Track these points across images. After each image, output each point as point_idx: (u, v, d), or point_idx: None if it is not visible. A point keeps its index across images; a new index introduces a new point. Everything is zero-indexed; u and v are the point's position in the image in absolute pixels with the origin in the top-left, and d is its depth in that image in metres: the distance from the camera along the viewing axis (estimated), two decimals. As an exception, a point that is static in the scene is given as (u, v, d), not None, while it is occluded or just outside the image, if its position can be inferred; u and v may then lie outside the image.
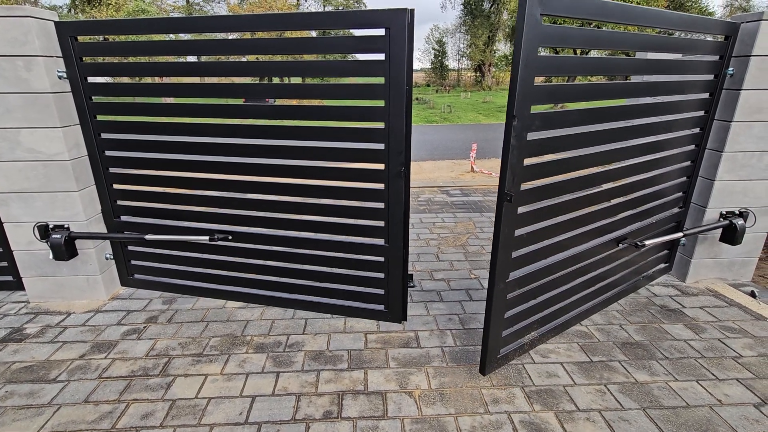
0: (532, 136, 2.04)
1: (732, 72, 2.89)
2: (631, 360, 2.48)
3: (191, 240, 3.01)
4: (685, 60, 2.81)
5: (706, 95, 2.95)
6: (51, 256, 2.86)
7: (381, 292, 2.88)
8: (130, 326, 2.84)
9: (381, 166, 2.54)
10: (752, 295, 3.16)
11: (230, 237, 2.95)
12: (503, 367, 2.42)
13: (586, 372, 2.37)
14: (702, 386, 2.26)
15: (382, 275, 2.83)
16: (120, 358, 2.52)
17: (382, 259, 2.78)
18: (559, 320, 2.75)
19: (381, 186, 2.58)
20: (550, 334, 2.70)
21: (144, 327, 2.83)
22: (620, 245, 2.83)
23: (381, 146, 2.49)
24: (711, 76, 2.90)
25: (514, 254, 2.27)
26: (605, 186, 2.61)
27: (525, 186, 2.13)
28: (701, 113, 2.99)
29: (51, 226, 2.87)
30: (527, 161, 2.08)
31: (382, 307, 2.91)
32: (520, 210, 2.17)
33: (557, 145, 2.18)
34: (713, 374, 2.35)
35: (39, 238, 2.84)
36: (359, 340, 2.68)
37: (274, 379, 2.33)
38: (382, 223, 2.68)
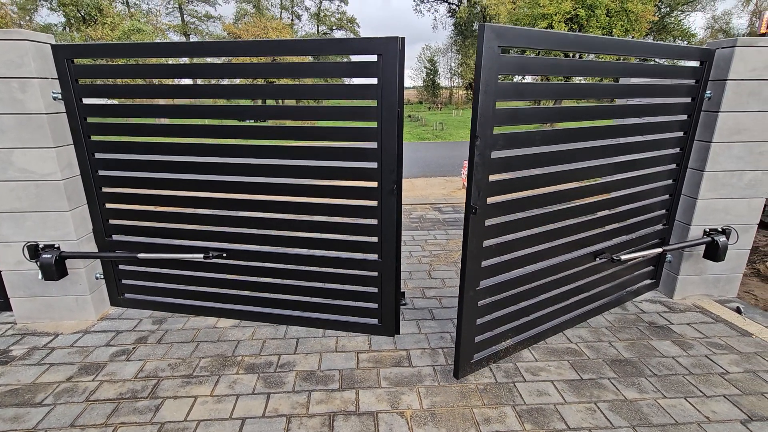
0: (497, 154, 2.21)
1: (710, 95, 3.01)
2: (620, 377, 2.50)
3: (185, 258, 3.01)
4: (652, 84, 2.95)
5: (684, 117, 3.06)
6: (40, 276, 2.84)
7: (374, 306, 2.93)
8: (119, 347, 2.81)
9: (374, 184, 2.63)
10: (738, 311, 3.22)
11: (225, 254, 2.96)
12: (494, 386, 2.42)
13: (576, 390, 2.39)
14: (690, 403, 2.28)
15: (375, 289, 2.88)
16: (108, 380, 2.48)
17: (375, 273, 2.83)
18: (535, 330, 2.84)
19: (374, 203, 2.67)
20: (526, 343, 2.79)
21: (133, 348, 2.80)
22: (597, 259, 2.92)
23: (374, 165, 2.59)
24: (688, 99, 3.02)
25: (484, 263, 2.40)
26: (579, 202, 2.72)
27: (492, 200, 2.29)
28: (680, 134, 3.10)
29: (41, 246, 2.86)
30: (493, 177, 2.25)
31: (375, 321, 2.96)
32: (488, 222, 2.32)
33: (520, 163, 2.34)
34: (701, 391, 2.38)
35: (28, 258, 2.82)
36: (351, 360, 2.67)
37: (265, 400, 2.31)
38: (375, 239, 2.75)
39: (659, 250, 3.14)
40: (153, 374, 2.53)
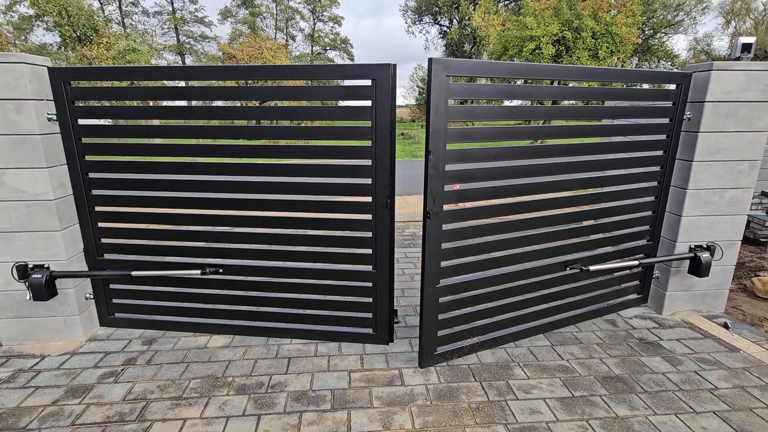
0: (451, 167, 2.50)
1: (690, 116, 3.12)
2: (611, 394, 2.51)
3: (182, 275, 3.04)
4: (614, 107, 3.22)
5: (662, 137, 3.19)
6: (28, 297, 2.80)
7: (369, 315, 3.04)
8: (107, 369, 2.76)
9: (368, 199, 2.77)
10: (725, 326, 3.26)
11: (221, 270, 3.00)
12: (488, 405, 2.42)
13: (568, 407, 2.39)
14: (680, 420, 2.29)
15: (370, 299, 3.00)
16: (95, 403, 2.44)
17: (370, 284, 2.95)
18: (504, 331, 3.02)
19: (369, 216, 2.81)
20: (493, 342, 2.99)
21: (122, 369, 2.76)
22: (568, 269, 3.06)
23: (368, 181, 2.73)
24: (664, 120, 3.15)
25: (444, 264, 2.65)
26: (543, 213, 2.90)
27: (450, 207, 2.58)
28: (659, 153, 3.23)
29: (30, 266, 2.84)
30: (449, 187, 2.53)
31: (370, 330, 3.07)
32: (445, 227, 2.58)
33: (475, 175, 2.60)
34: (691, 407, 2.39)
35: (17, 278, 2.79)
36: (343, 379, 2.65)
37: (255, 422, 2.28)
38: (369, 251, 2.88)
39: (635, 263, 3.23)
40: (142, 396, 2.49)
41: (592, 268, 3.07)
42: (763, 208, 5.67)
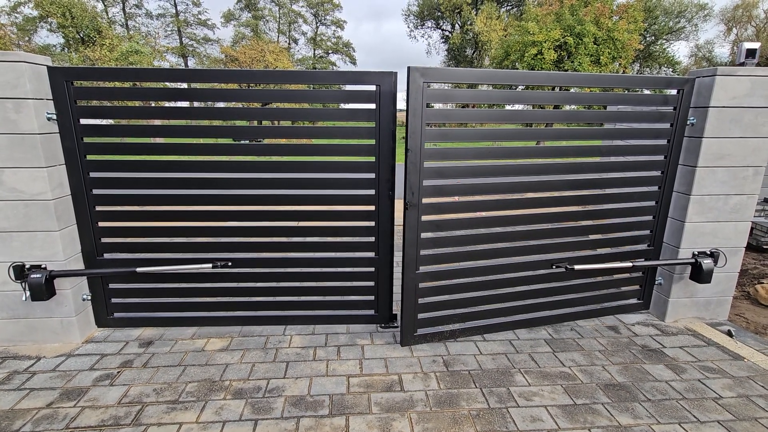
0: (429, 164, 2.72)
1: (693, 121, 3.10)
2: (614, 402, 2.47)
3: (191, 270, 3.07)
4: (588, 111, 3.33)
5: (663, 142, 3.19)
6: (24, 298, 2.78)
7: (371, 298, 3.29)
8: (103, 371, 2.73)
9: (372, 192, 3.03)
10: (729, 334, 3.22)
11: (230, 263, 3.08)
12: (488, 412, 2.38)
13: (570, 415, 2.35)
14: (684, 429, 2.25)
15: (372, 283, 3.24)
16: (90, 406, 2.40)
17: (372, 269, 3.20)
18: (486, 321, 3.17)
19: (372, 208, 3.07)
20: (474, 330, 3.15)
21: (118, 372, 2.72)
22: (554, 267, 3.14)
23: (372, 175, 3.00)
24: (666, 125, 3.15)
25: (423, 252, 2.88)
26: (527, 211, 3.04)
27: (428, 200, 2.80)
28: (660, 158, 3.22)
29: (27, 267, 2.81)
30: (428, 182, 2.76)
31: (372, 312, 3.31)
32: (424, 218, 2.80)
33: (450, 172, 2.81)
34: (695, 416, 2.35)
35: (14, 278, 2.77)
36: (341, 384, 2.62)
37: (252, 427, 2.25)
38: (372, 239, 3.13)
39: (628, 264, 3.22)
40: (137, 400, 2.46)
41: (577, 267, 3.12)
42: (766, 215, 5.64)
